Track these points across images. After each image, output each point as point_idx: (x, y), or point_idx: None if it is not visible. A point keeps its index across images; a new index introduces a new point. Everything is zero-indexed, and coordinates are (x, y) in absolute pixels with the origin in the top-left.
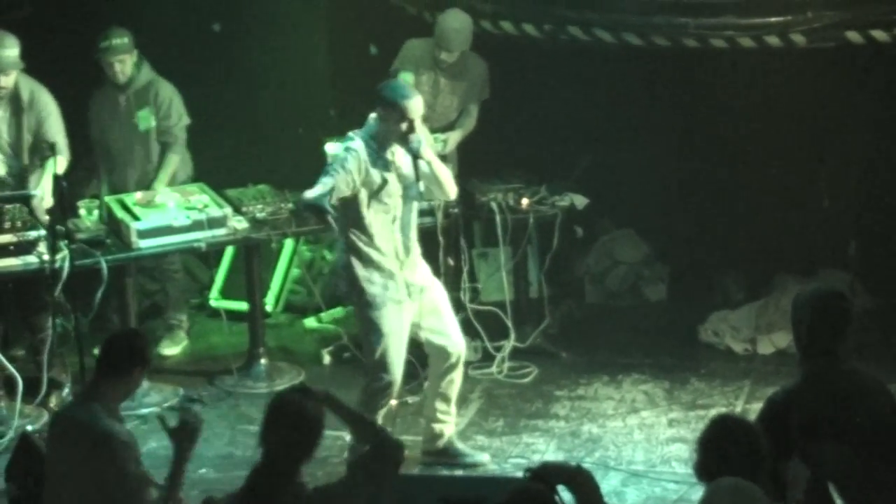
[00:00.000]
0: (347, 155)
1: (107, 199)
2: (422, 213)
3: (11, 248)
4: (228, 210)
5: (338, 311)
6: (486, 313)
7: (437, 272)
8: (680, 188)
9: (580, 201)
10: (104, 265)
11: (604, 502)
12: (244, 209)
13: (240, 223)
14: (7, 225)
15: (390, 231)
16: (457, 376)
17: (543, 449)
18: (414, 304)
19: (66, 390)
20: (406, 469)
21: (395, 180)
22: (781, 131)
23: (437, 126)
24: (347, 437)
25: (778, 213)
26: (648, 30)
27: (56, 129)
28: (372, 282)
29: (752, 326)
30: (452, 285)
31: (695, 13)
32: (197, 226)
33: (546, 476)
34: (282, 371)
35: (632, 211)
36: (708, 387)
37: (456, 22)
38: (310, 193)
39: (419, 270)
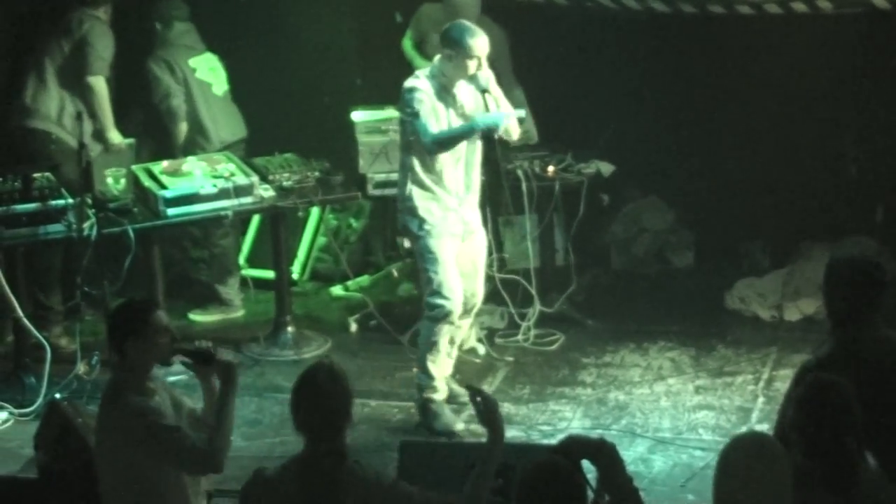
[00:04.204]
0: (414, 94)
1: (134, 167)
2: None
3: (39, 216)
4: (255, 178)
5: (364, 280)
6: (511, 281)
7: None
8: (706, 155)
9: (606, 168)
10: (131, 233)
11: (627, 475)
12: (270, 177)
13: (266, 191)
14: (35, 193)
15: (453, 168)
16: (465, 323)
17: (570, 416)
18: (464, 243)
19: (96, 357)
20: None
21: (458, 119)
22: (808, 98)
23: None
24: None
25: (804, 179)
26: None
27: None
28: (431, 212)
29: (778, 293)
30: None
31: None
32: (223, 194)
33: (569, 451)
34: (308, 339)
35: (658, 178)
36: (734, 354)
37: None
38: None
39: (474, 212)
